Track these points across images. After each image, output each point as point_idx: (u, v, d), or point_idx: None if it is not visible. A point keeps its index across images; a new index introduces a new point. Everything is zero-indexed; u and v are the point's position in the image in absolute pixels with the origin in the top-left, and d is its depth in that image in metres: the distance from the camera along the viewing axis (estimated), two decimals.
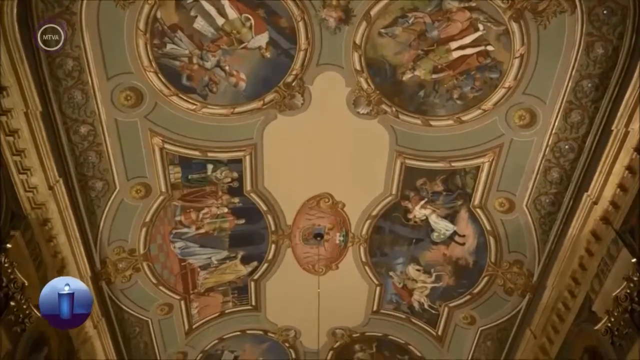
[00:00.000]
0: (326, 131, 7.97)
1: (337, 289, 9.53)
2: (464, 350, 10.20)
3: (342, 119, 7.72)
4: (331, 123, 7.87)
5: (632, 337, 6.40)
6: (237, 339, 10.86)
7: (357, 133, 7.92)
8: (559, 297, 8.00)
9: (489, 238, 8.68)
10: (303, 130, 7.87)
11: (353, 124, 7.77)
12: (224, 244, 9.21)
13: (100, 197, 7.90)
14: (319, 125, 7.88)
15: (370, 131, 7.86)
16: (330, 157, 8.27)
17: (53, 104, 6.64)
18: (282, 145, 8.08)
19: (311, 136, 8.02)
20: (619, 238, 6.63)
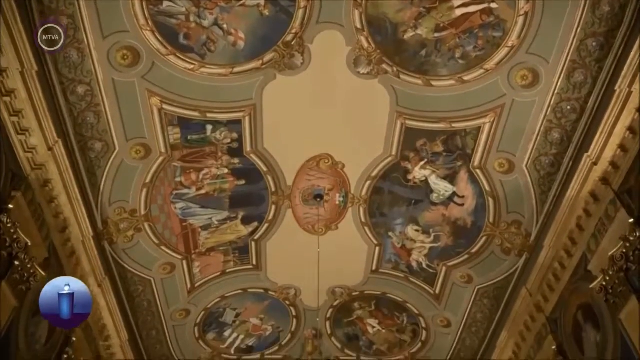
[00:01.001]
0: (326, 91, 7.88)
1: (337, 249, 9.65)
2: (460, 307, 10.43)
3: (342, 79, 7.62)
4: (331, 83, 7.77)
5: (625, 295, 6.54)
6: (239, 297, 11.08)
7: (357, 93, 7.83)
8: (555, 257, 8.12)
9: (488, 199, 8.73)
10: (303, 90, 7.78)
11: (353, 84, 7.67)
12: (225, 205, 9.27)
13: (100, 158, 7.90)
14: (319, 85, 7.78)
15: (370, 91, 7.78)
16: (330, 117, 8.21)
17: (49, 63, 6.55)
18: (281, 106, 8.00)
19: (311, 97, 7.94)
20: (617, 199, 6.67)
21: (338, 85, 7.79)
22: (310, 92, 7.86)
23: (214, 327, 11.47)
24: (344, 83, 7.69)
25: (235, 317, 11.45)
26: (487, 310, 10.17)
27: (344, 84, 7.71)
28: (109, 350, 9.76)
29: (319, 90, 7.85)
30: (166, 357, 11.41)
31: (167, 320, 10.73)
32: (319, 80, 7.70)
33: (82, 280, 8.26)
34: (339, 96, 7.93)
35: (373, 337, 11.73)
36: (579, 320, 7.82)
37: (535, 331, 9.05)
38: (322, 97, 7.95)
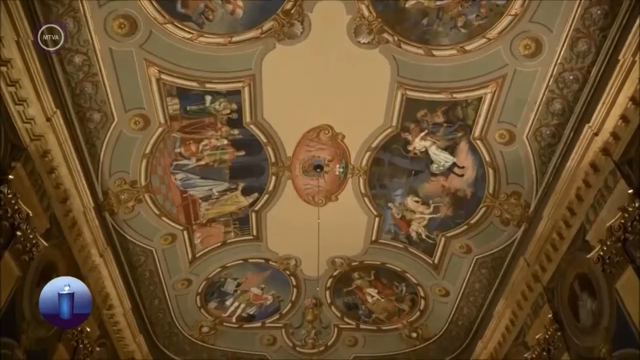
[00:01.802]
0: (326, 61, 7.78)
1: (337, 220, 9.71)
2: (459, 277, 10.56)
3: (342, 48, 7.52)
4: (331, 53, 7.67)
5: (622, 265, 6.61)
6: (240, 267, 11.20)
7: (357, 63, 7.74)
8: (554, 227, 8.17)
9: (488, 169, 8.74)
10: (302, 60, 7.69)
11: (354, 54, 7.57)
12: (225, 176, 9.28)
13: (99, 128, 7.87)
14: (319, 55, 7.68)
15: (371, 61, 7.68)
16: (330, 88, 8.12)
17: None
18: (281, 76, 7.92)
19: (311, 67, 7.84)
20: (617, 169, 6.67)
21: (338, 55, 7.69)
22: (310, 62, 7.77)
23: (215, 296, 11.64)
24: (344, 53, 7.60)
25: (236, 287, 11.60)
26: (485, 279, 10.31)
27: (344, 54, 7.61)
28: (113, 318, 9.91)
29: (319, 60, 7.75)
30: (169, 325, 11.61)
31: (169, 290, 10.89)
32: (319, 50, 7.60)
33: (84, 251, 8.46)
34: (339, 66, 7.84)
35: (372, 306, 11.91)
36: (575, 290, 7.92)
37: (532, 300, 9.19)
38: (322, 67, 7.85)
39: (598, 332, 7.25)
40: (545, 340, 8.58)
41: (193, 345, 12.12)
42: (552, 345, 8.44)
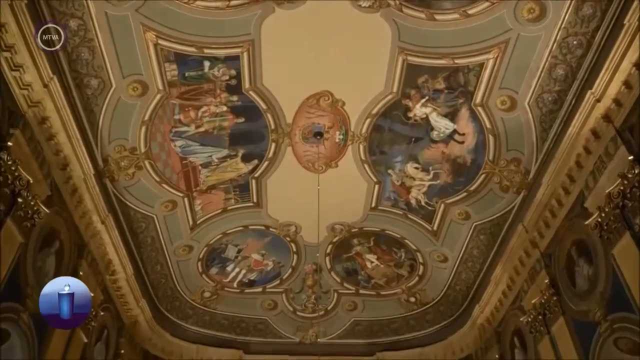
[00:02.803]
0: (326, 26, 7.65)
1: (337, 187, 9.74)
2: (457, 243, 10.67)
3: (342, 12, 7.37)
4: (331, 17, 7.51)
5: (620, 231, 6.68)
6: (240, 234, 11.30)
7: (358, 28, 7.60)
8: (553, 194, 8.20)
9: (489, 136, 8.71)
10: (302, 25, 7.55)
11: (354, 18, 7.43)
12: (224, 143, 9.26)
13: (96, 95, 7.80)
14: (319, 19, 7.53)
15: (371, 26, 7.54)
16: (331, 53, 8.01)
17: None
18: (280, 41, 7.79)
19: (311, 31, 7.71)
20: (618, 136, 6.65)
21: (338, 19, 7.54)
22: (310, 27, 7.63)
23: (216, 262, 11.78)
24: (344, 17, 7.45)
25: (237, 253, 11.73)
26: (483, 246, 10.41)
27: (344, 17, 7.46)
28: (116, 284, 10.06)
29: (319, 24, 7.61)
30: (171, 290, 11.80)
31: (170, 256, 11.01)
32: (319, 14, 7.44)
33: (85, 218, 8.50)
34: (340, 31, 7.70)
35: (371, 271, 12.07)
36: (572, 256, 8.01)
37: (530, 266, 9.31)
38: (322, 32, 7.72)
39: (593, 296, 7.38)
40: (542, 304, 8.74)
41: (195, 309, 12.36)
42: (548, 310, 8.60)
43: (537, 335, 8.98)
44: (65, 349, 8.22)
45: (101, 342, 9.72)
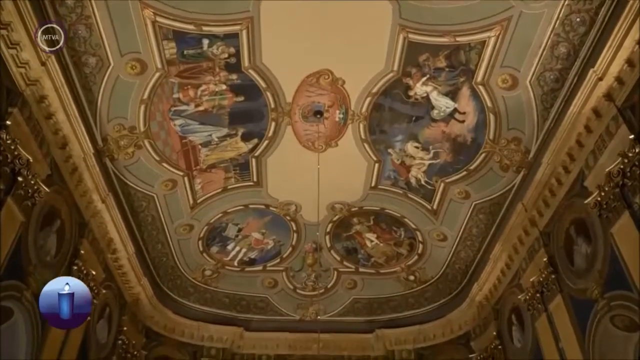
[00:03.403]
0: (326, 3, 7.53)
1: (337, 166, 9.74)
2: (457, 222, 10.71)
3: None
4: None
5: (619, 210, 6.70)
6: (240, 213, 11.34)
7: (358, 5, 7.50)
8: (553, 173, 8.20)
9: (489, 115, 8.67)
10: (302, 2, 7.44)
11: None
12: (224, 121, 9.22)
13: (95, 73, 7.75)
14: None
15: (372, 3, 7.45)
16: (331, 31, 7.92)
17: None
18: (280, 19, 7.69)
19: (310, 9, 7.60)
20: (619, 114, 6.62)
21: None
22: (310, 4, 7.52)
23: (217, 241, 11.85)
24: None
25: (237, 232, 11.79)
26: (483, 224, 10.45)
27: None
28: (117, 262, 10.13)
29: (319, 2, 7.50)
30: (172, 268, 11.89)
31: (171, 235, 11.07)
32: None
33: (85, 197, 8.52)
34: (340, 8, 7.59)
35: (371, 250, 12.15)
36: (571, 235, 8.06)
37: (528, 244, 9.36)
38: (322, 9, 7.61)
39: (591, 274, 7.44)
40: (540, 282, 8.81)
41: (196, 287, 12.47)
42: (546, 288, 8.68)
43: (535, 312, 9.08)
44: None
45: (104, 319, 9.84)
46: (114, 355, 10.33)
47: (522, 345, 9.75)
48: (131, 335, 10.97)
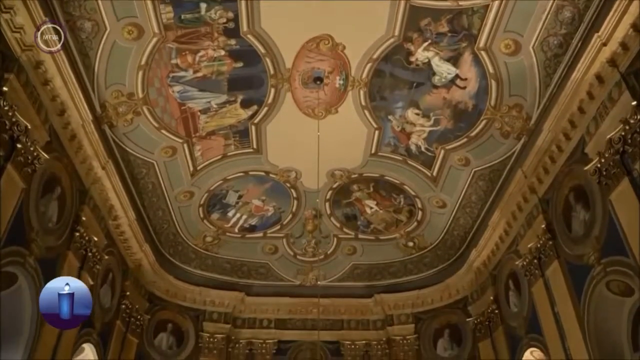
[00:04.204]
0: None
1: (337, 133, 9.70)
2: (456, 189, 10.75)
3: None
4: None
5: (618, 177, 6.71)
6: (240, 180, 11.36)
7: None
8: (553, 140, 8.18)
9: (491, 81, 8.58)
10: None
11: None
12: (223, 88, 9.13)
13: (91, 38, 7.63)
14: None
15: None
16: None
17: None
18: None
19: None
20: (622, 80, 6.55)
21: None
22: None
23: (217, 207, 11.91)
24: None
25: (237, 199, 11.84)
26: (482, 191, 10.49)
27: None
28: (119, 228, 10.21)
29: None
30: (173, 235, 11.99)
31: (172, 201, 11.12)
32: None
33: (85, 163, 8.52)
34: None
35: (370, 217, 12.23)
36: (570, 201, 8.09)
37: (527, 211, 9.41)
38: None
39: (589, 241, 7.51)
40: (537, 249, 8.91)
41: (198, 253, 12.61)
42: (543, 254, 8.77)
43: (532, 278, 9.21)
44: None
45: (107, 284, 10.00)
46: (118, 319, 10.53)
47: (518, 310, 9.93)
48: (134, 299, 11.17)
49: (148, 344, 11.61)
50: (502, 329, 10.49)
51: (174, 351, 11.90)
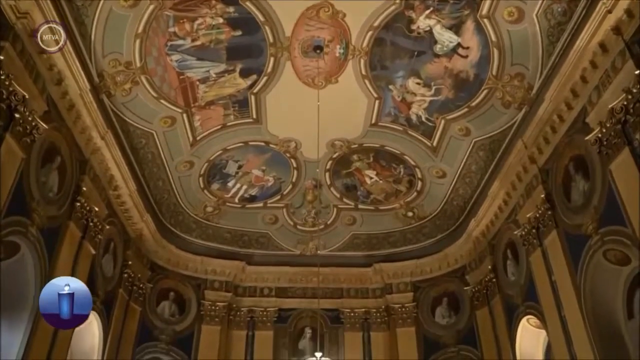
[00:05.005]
0: None
1: (337, 102, 9.63)
2: (456, 159, 10.74)
3: None
4: None
5: (619, 147, 6.70)
6: (240, 150, 11.33)
7: None
8: (555, 110, 8.12)
9: (493, 50, 8.46)
10: None
11: None
12: (222, 57, 9.02)
13: (86, 5, 7.49)
14: None
15: None
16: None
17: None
18: None
19: None
20: (626, 49, 6.47)
21: None
22: None
23: (217, 178, 11.92)
24: None
25: (237, 169, 11.84)
26: (482, 161, 10.48)
27: None
28: (119, 199, 10.24)
29: None
30: (174, 205, 12.04)
31: (172, 172, 11.13)
32: None
33: (85, 134, 8.49)
34: None
35: (370, 187, 12.26)
36: (569, 171, 8.10)
37: (527, 181, 9.42)
38: None
39: (587, 210, 7.55)
40: (536, 218, 8.96)
41: (198, 223, 12.69)
42: (542, 224, 8.83)
43: (530, 247, 9.29)
44: (74, 260, 8.53)
45: (109, 254, 10.10)
46: (121, 287, 10.68)
47: (515, 279, 10.06)
48: (136, 268, 11.29)
49: (151, 312, 11.80)
50: (500, 297, 10.65)
51: (176, 319, 12.10)
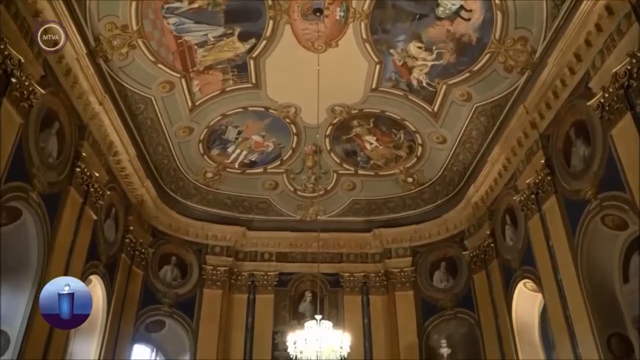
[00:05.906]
0: None
1: (337, 67, 9.51)
2: (457, 125, 10.69)
3: None
4: None
5: (621, 112, 6.66)
6: (240, 115, 11.26)
7: None
8: (558, 74, 8.03)
9: (497, 13, 8.30)
10: None
11: None
12: (220, 20, 8.84)
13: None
14: None
15: None
16: None
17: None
18: None
19: None
20: (632, 11, 6.34)
21: None
22: None
23: (217, 143, 11.89)
24: None
25: (237, 135, 11.79)
26: (483, 127, 10.43)
27: None
28: (119, 164, 10.24)
29: None
30: (174, 171, 12.04)
31: (171, 137, 11.09)
32: None
33: (82, 99, 8.42)
34: None
35: (370, 152, 12.24)
36: (570, 137, 8.07)
37: (527, 147, 9.40)
38: None
39: (587, 176, 7.56)
40: (535, 184, 8.98)
41: (199, 189, 12.72)
42: (541, 189, 8.86)
43: (528, 213, 9.35)
44: (76, 225, 8.60)
45: (110, 219, 10.17)
46: (123, 252, 10.79)
47: (513, 243, 10.16)
48: (138, 234, 11.39)
49: (153, 276, 11.97)
50: (497, 262, 10.78)
51: (178, 282, 12.28)
